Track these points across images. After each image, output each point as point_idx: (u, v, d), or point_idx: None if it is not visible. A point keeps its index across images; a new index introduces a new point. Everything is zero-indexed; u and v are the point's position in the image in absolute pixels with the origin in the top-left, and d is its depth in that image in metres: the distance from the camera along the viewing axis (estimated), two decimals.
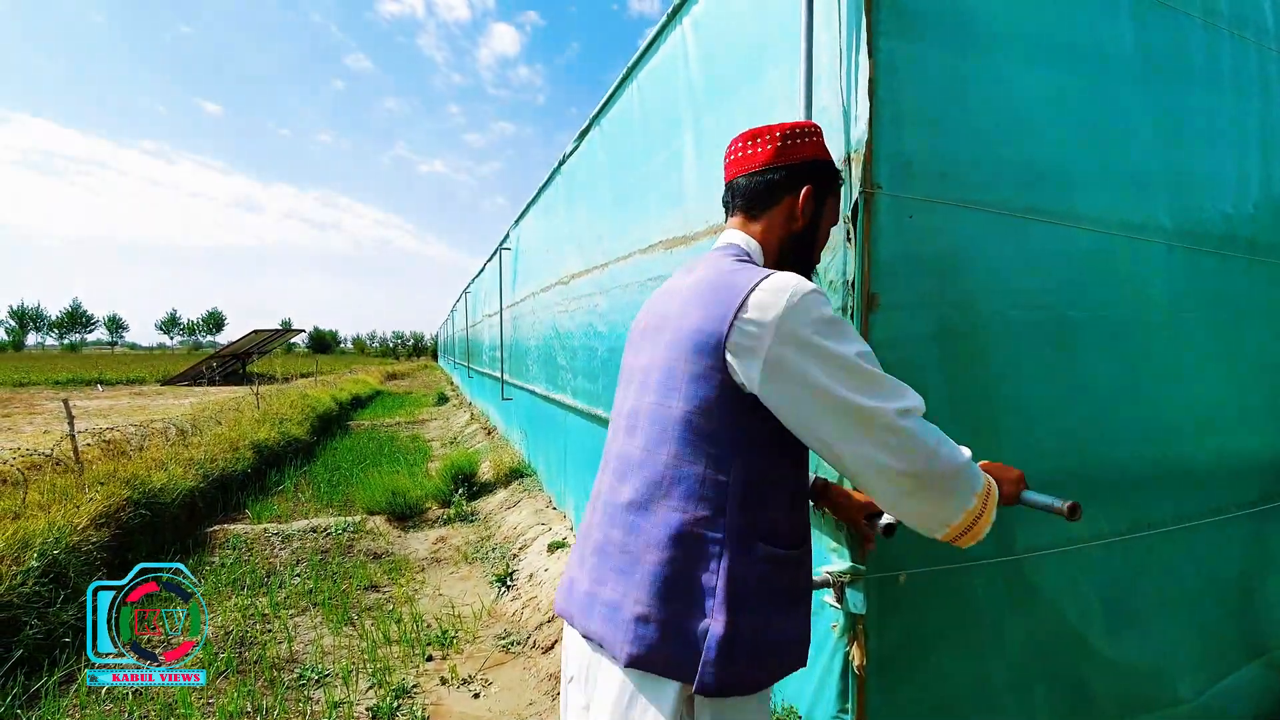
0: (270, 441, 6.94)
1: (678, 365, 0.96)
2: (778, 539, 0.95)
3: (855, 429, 0.87)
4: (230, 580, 3.75)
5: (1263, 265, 1.85)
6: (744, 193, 1.09)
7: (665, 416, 0.96)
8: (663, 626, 0.90)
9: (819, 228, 1.11)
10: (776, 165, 1.06)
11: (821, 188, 1.08)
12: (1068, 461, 1.51)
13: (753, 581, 0.92)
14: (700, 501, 0.93)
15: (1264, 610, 1.91)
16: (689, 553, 0.92)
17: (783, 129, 1.07)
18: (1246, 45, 1.82)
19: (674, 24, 2.22)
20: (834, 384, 0.87)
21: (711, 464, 0.93)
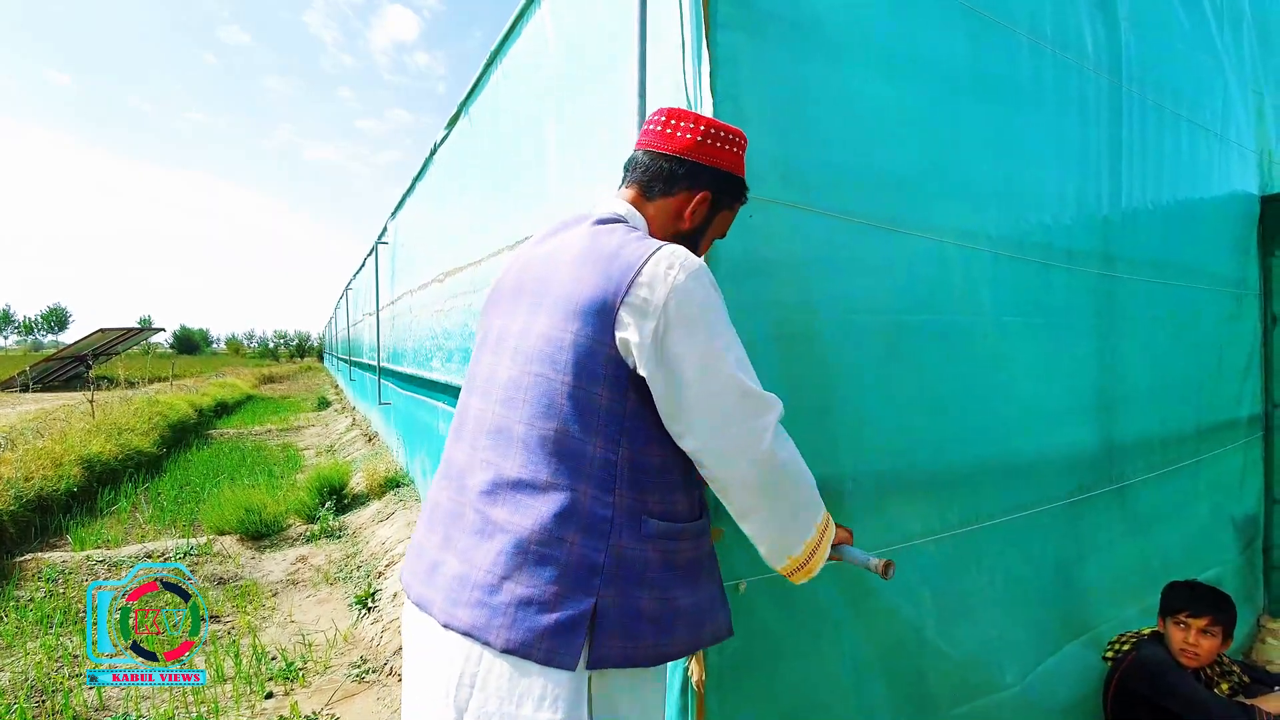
0: (105, 455, 6.13)
1: (564, 335, 0.91)
2: (671, 514, 0.94)
3: (719, 430, 0.88)
4: (38, 618, 3.24)
5: (1078, 274, 2.01)
6: (645, 169, 1.05)
7: (551, 390, 0.91)
8: (547, 608, 0.86)
9: (703, 236, 1.08)
10: (687, 158, 1.02)
11: (719, 200, 1.05)
12: (902, 460, 1.54)
13: (645, 557, 0.91)
14: (590, 480, 0.89)
15: (1083, 593, 2.07)
16: (579, 532, 0.88)
17: (710, 124, 1.03)
18: (1068, 67, 1.96)
19: (534, 6, 2.11)
20: (709, 379, 0.87)
21: (600, 440, 0.90)
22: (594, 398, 0.90)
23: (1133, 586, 2.24)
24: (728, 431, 0.88)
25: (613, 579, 0.88)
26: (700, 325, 0.88)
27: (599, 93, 1.71)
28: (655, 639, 0.90)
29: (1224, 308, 2.73)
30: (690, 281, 0.88)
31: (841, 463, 1.43)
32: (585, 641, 0.86)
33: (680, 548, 0.95)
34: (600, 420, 0.90)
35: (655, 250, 0.90)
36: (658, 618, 0.91)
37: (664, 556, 0.93)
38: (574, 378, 0.90)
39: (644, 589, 0.90)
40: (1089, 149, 2.04)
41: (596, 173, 1.74)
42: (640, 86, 1.26)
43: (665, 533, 0.93)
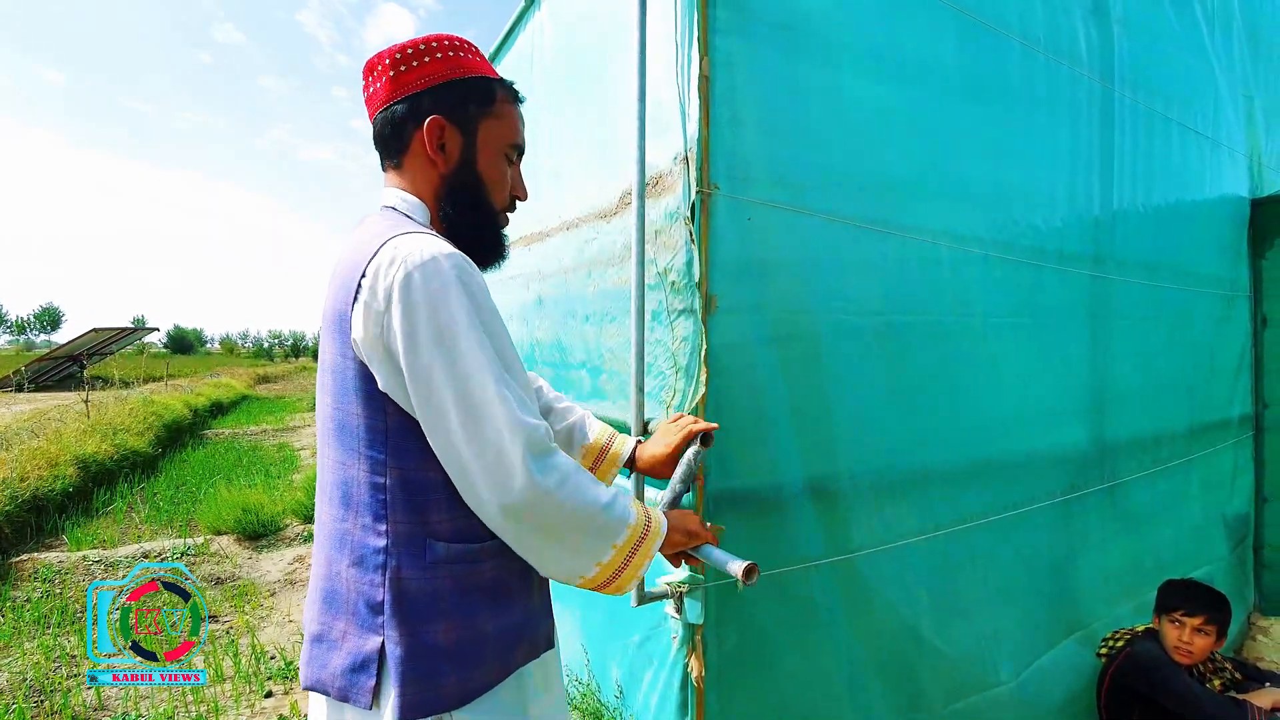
0: (100, 456, 6.10)
1: (327, 358, 0.84)
2: (465, 534, 0.83)
3: (451, 452, 0.77)
4: (35, 618, 3.23)
5: (1069, 274, 2.03)
6: (379, 139, 0.92)
7: (326, 417, 0.85)
8: (334, 647, 0.82)
9: (476, 163, 0.91)
10: (396, 99, 0.88)
11: (459, 115, 0.89)
12: (897, 459, 1.56)
13: (435, 586, 0.80)
14: (359, 508, 0.81)
15: (1074, 590, 2.09)
16: (352, 566, 0.81)
17: (399, 48, 0.88)
18: (1060, 70, 1.99)
19: (532, 10, 2.12)
20: (442, 389, 0.75)
21: (365, 465, 0.80)
22: (350, 418, 0.81)
23: (1125, 584, 2.27)
24: (466, 464, 0.76)
25: (396, 615, 0.79)
26: (422, 331, 0.75)
27: (594, 96, 1.73)
28: (459, 676, 0.80)
29: (1215, 309, 2.76)
30: (414, 276, 0.75)
31: (837, 462, 1.45)
32: (374, 684, 0.78)
33: (481, 569, 0.84)
34: (361, 442, 0.80)
35: (380, 246, 0.78)
36: (460, 652, 0.81)
37: (460, 581, 0.82)
38: (334, 400, 0.83)
39: (437, 621, 0.80)
40: (1081, 151, 2.06)
41: (589, 174, 1.76)
42: (640, 91, 1.27)
43: (459, 555, 0.82)
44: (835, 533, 1.45)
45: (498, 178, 0.95)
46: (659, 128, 1.35)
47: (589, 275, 1.73)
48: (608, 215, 1.64)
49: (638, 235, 1.29)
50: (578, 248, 1.81)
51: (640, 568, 0.86)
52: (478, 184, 0.93)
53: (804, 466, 1.40)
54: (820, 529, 1.42)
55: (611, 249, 1.61)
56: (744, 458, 1.32)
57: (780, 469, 1.37)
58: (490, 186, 0.94)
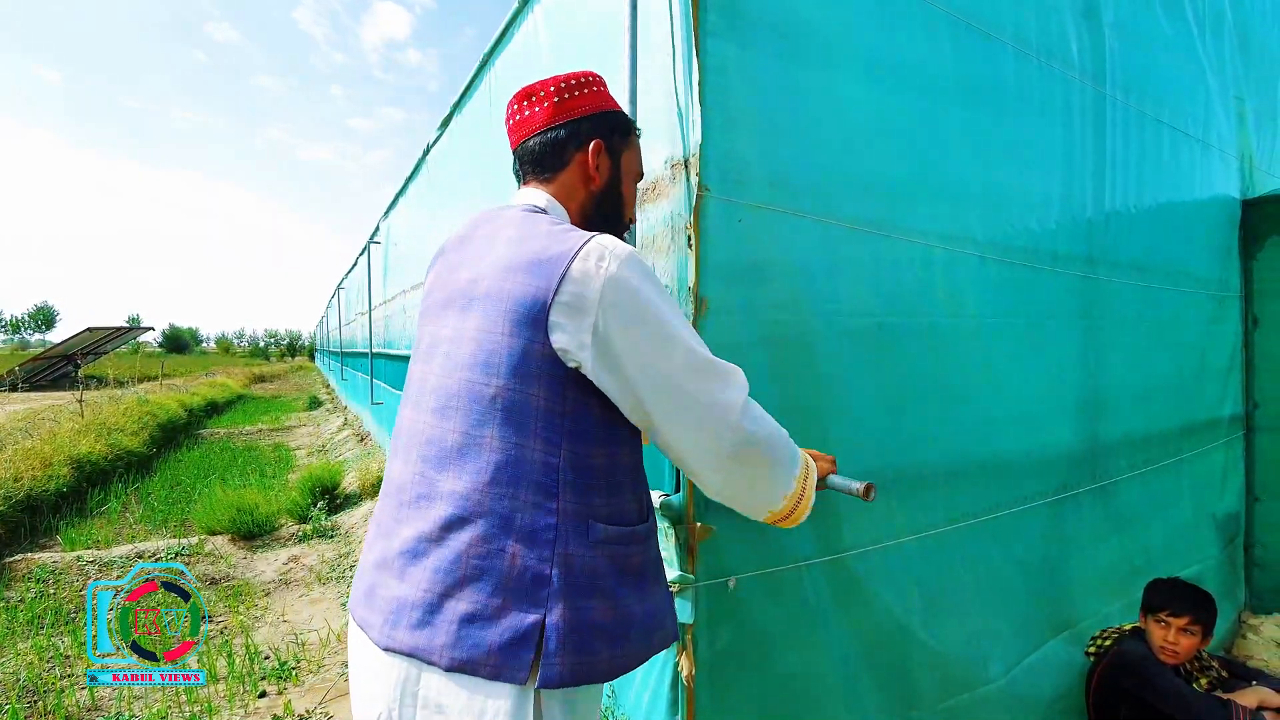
0: (94, 455, 6.09)
1: (496, 339, 0.87)
2: (620, 517, 0.90)
3: (685, 413, 0.85)
4: (29, 618, 3.22)
5: (1062, 276, 2.04)
6: (531, 157, 1.02)
7: (485, 395, 0.87)
8: (489, 624, 0.82)
9: (620, 184, 1.05)
10: (558, 123, 0.99)
11: (612, 141, 1.02)
12: (889, 460, 1.57)
13: (595, 565, 0.87)
14: (529, 487, 0.85)
15: (1065, 589, 2.10)
16: (519, 542, 0.84)
17: (556, 82, 1.00)
18: (1053, 74, 2.00)
19: (526, 10, 2.13)
20: (662, 364, 0.84)
21: (540, 446, 0.85)
22: (529, 400, 0.85)
23: (1115, 583, 2.28)
24: (691, 421, 0.85)
25: (561, 590, 0.84)
26: (641, 315, 0.84)
27: None
28: (610, 652, 0.86)
29: (1206, 309, 2.78)
30: (623, 271, 0.84)
31: None
32: (534, 657, 0.81)
33: (631, 552, 0.91)
34: (538, 423, 0.85)
35: (584, 243, 0.86)
36: (611, 629, 0.87)
37: (614, 563, 0.89)
38: (507, 381, 0.86)
39: (596, 599, 0.86)
40: (1073, 154, 2.08)
41: None
42: (631, 94, 1.28)
43: (615, 537, 0.89)
44: (826, 532, 1.46)
45: (632, 199, 1.10)
46: (653, 133, 1.35)
47: None
48: None
49: (632, 242, 1.30)
50: None
51: (811, 498, 0.97)
52: (619, 202, 1.06)
53: None
54: (811, 528, 1.43)
55: None
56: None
57: None
58: (627, 205, 1.08)
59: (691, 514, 1.27)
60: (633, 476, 0.94)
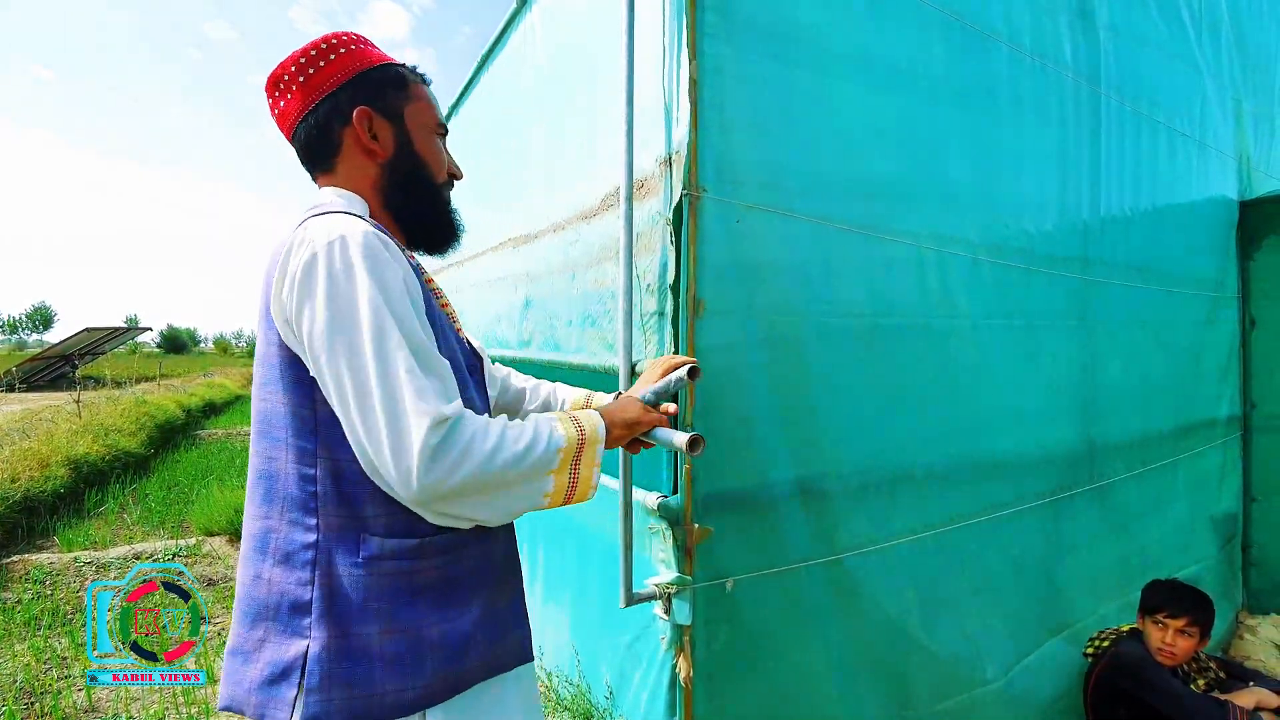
0: (92, 456, 6.08)
1: (258, 349, 0.82)
2: (404, 529, 0.78)
3: (361, 447, 0.73)
4: (25, 619, 3.22)
5: (1058, 277, 2.04)
6: (305, 151, 0.90)
7: (255, 410, 0.82)
8: (250, 658, 0.76)
9: (412, 144, 0.92)
10: (312, 104, 0.87)
11: (381, 103, 0.89)
12: (885, 460, 1.57)
13: (368, 584, 0.76)
14: (284, 503, 0.77)
15: (1062, 590, 2.11)
16: (276, 565, 0.76)
17: (296, 58, 0.87)
18: (1048, 75, 2.00)
19: (524, 11, 2.13)
20: (336, 380, 0.72)
21: (292, 456, 0.77)
22: (276, 407, 0.78)
23: (1113, 583, 2.28)
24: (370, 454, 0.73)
25: (325, 616, 0.74)
26: (321, 315, 0.72)
27: (584, 97, 1.74)
28: (398, 682, 0.75)
29: (1203, 310, 2.79)
30: (318, 257, 0.73)
31: (825, 463, 1.46)
32: (296, 694, 0.73)
33: (422, 567, 0.79)
34: (288, 431, 0.77)
35: (296, 229, 0.78)
36: (396, 656, 0.76)
37: (397, 580, 0.77)
38: (262, 390, 0.80)
39: (371, 622, 0.75)
40: (1069, 155, 2.08)
41: (576, 175, 1.77)
42: (628, 95, 1.28)
43: (396, 551, 0.77)
44: (824, 533, 1.46)
45: (434, 156, 0.96)
46: (644, 131, 1.35)
47: (572, 277, 1.74)
48: (589, 217, 1.65)
49: (626, 238, 1.30)
50: (563, 249, 1.82)
51: (592, 474, 0.84)
52: (419, 165, 0.93)
53: (792, 467, 1.41)
54: (809, 529, 1.43)
55: (590, 250, 1.62)
56: (732, 459, 1.33)
57: (769, 470, 1.38)
58: (430, 166, 0.95)
59: (689, 515, 1.27)
60: None
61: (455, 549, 0.83)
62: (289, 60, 0.88)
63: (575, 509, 1.85)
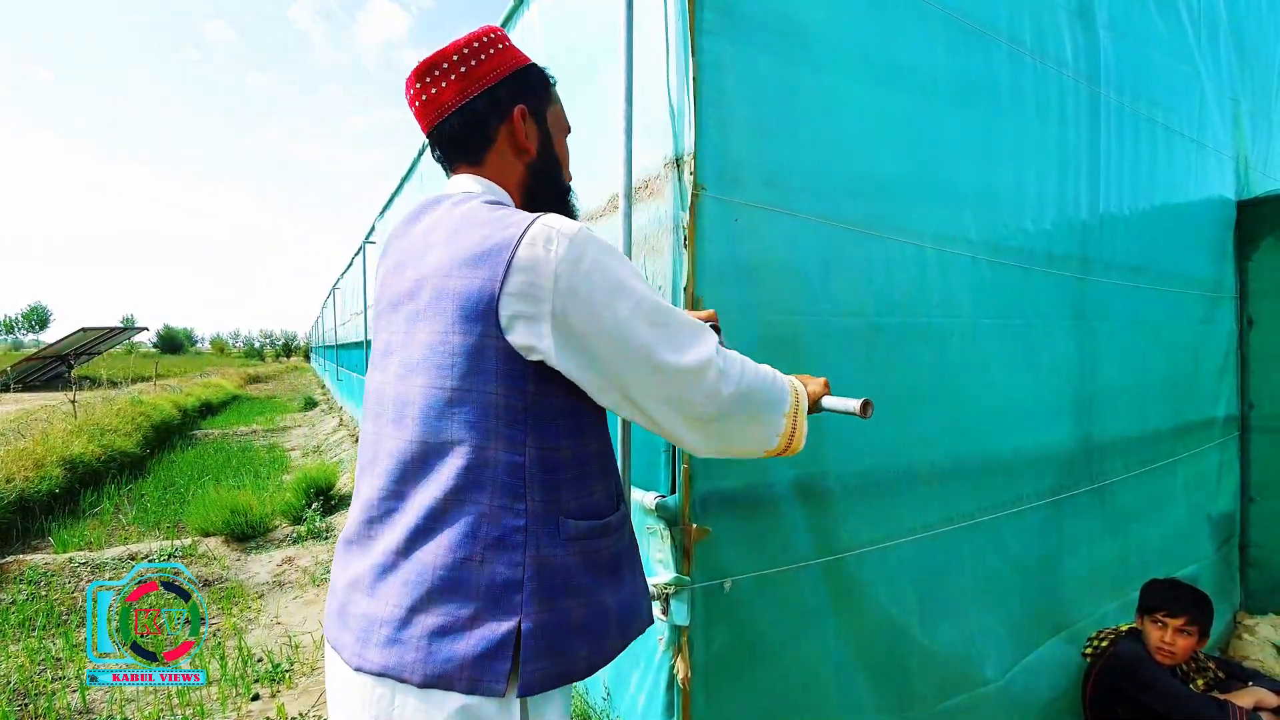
0: (87, 456, 6.05)
1: (447, 339, 0.82)
2: (590, 510, 0.87)
3: (660, 385, 0.82)
4: (19, 620, 3.20)
5: (1057, 277, 2.04)
6: (451, 141, 0.93)
7: (441, 400, 0.82)
8: (460, 636, 0.78)
9: (553, 146, 0.97)
10: (471, 96, 0.90)
11: (533, 102, 0.93)
12: (885, 461, 1.57)
13: (568, 563, 0.83)
14: (494, 489, 0.81)
15: (1061, 589, 2.10)
16: (488, 548, 0.80)
17: (458, 48, 0.90)
18: (1047, 74, 2.00)
19: (522, 9, 2.12)
20: (630, 337, 0.80)
21: (503, 446, 0.81)
22: (487, 399, 0.81)
23: (1111, 583, 2.28)
24: (667, 392, 0.82)
25: (536, 594, 0.80)
26: (599, 292, 0.79)
27: (584, 96, 1.72)
28: (588, 650, 0.84)
29: (1200, 310, 2.79)
30: (575, 250, 0.78)
31: (826, 461, 1.46)
32: (511, 666, 0.78)
33: (603, 545, 0.88)
34: (499, 422, 0.81)
35: (527, 227, 0.80)
36: (589, 626, 0.84)
37: (587, 558, 0.86)
38: (462, 382, 0.81)
39: (572, 597, 0.83)
40: (1068, 155, 2.08)
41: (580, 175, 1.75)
42: (627, 92, 1.27)
43: (587, 532, 0.86)
44: (823, 533, 1.45)
45: (566, 158, 1.01)
46: (647, 131, 1.34)
47: None
48: (594, 218, 1.64)
49: (625, 239, 1.29)
50: None
51: (804, 428, 0.95)
52: (557, 166, 0.98)
53: (792, 467, 1.40)
54: (808, 529, 1.43)
55: None
56: (731, 458, 1.32)
57: (768, 469, 1.37)
58: (563, 163, 1.00)
59: (687, 515, 1.27)
60: (601, 466, 0.91)
61: (619, 528, 0.92)
62: (450, 49, 0.90)
63: None
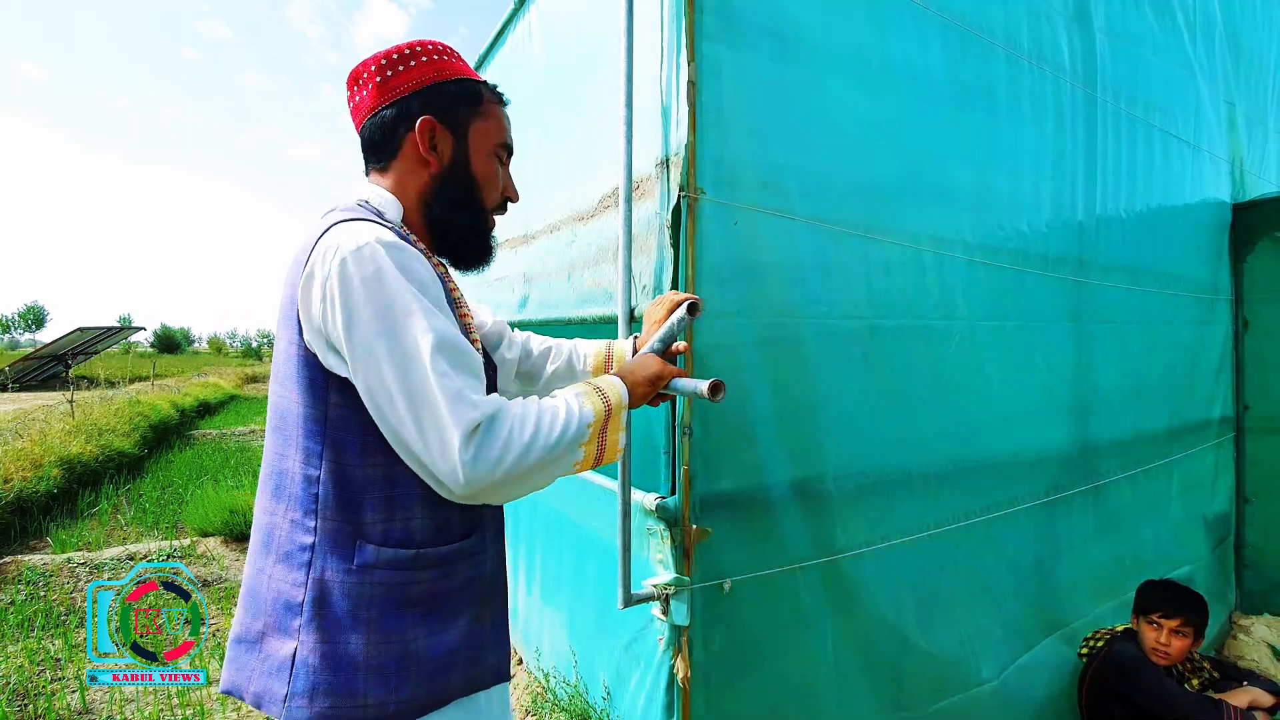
0: (85, 457, 6.05)
1: (277, 345, 0.83)
2: (400, 538, 0.79)
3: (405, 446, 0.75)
4: (18, 621, 3.20)
5: (1053, 279, 2.06)
6: (367, 145, 0.92)
7: (271, 406, 0.83)
8: (253, 648, 0.79)
9: (469, 163, 0.92)
10: (384, 104, 0.89)
11: (450, 117, 0.90)
12: (882, 461, 1.58)
13: (360, 591, 0.77)
14: (289, 501, 0.78)
15: (1057, 590, 2.12)
16: (277, 563, 0.78)
17: (378, 59, 0.89)
18: (1044, 78, 2.01)
19: (521, 13, 2.13)
20: (377, 383, 0.73)
21: (301, 456, 0.78)
22: (291, 405, 0.79)
23: (1107, 583, 2.30)
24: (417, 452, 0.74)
25: (314, 620, 0.75)
26: (359, 318, 0.73)
27: (581, 98, 1.74)
28: (381, 694, 0.76)
29: (1196, 312, 2.80)
30: (349, 267, 0.73)
31: (823, 464, 1.47)
32: (286, 692, 0.75)
33: (417, 579, 0.80)
34: (299, 431, 0.78)
35: (321, 234, 0.78)
36: (381, 667, 0.76)
37: (391, 590, 0.78)
38: (280, 387, 0.81)
39: (358, 631, 0.76)
40: (1064, 158, 2.09)
41: (574, 176, 1.77)
42: (627, 97, 1.28)
43: (391, 561, 0.78)
44: (821, 534, 1.46)
45: (490, 177, 0.96)
46: (641, 133, 1.36)
47: (569, 278, 1.74)
48: (585, 218, 1.65)
49: (625, 239, 1.30)
50: (560, 250, 1.82)
51: (618, 438, 0.87)
52: (470, 183, 0.93)
53: (790, 468, 1.41)
54: (806, 530, 1.44)
55: (588, 251, 1.62)
56: (730, 460, 1.34)
57: (766, 471, 1.39)
58: (483, 186, 0.95)
59: (687, 517, 1.28)
60: (426, 493, 0.80)
61: (448, 563, 0.83)
62: (372, 59, 0.90)
63: (573, 510, 1.86)
